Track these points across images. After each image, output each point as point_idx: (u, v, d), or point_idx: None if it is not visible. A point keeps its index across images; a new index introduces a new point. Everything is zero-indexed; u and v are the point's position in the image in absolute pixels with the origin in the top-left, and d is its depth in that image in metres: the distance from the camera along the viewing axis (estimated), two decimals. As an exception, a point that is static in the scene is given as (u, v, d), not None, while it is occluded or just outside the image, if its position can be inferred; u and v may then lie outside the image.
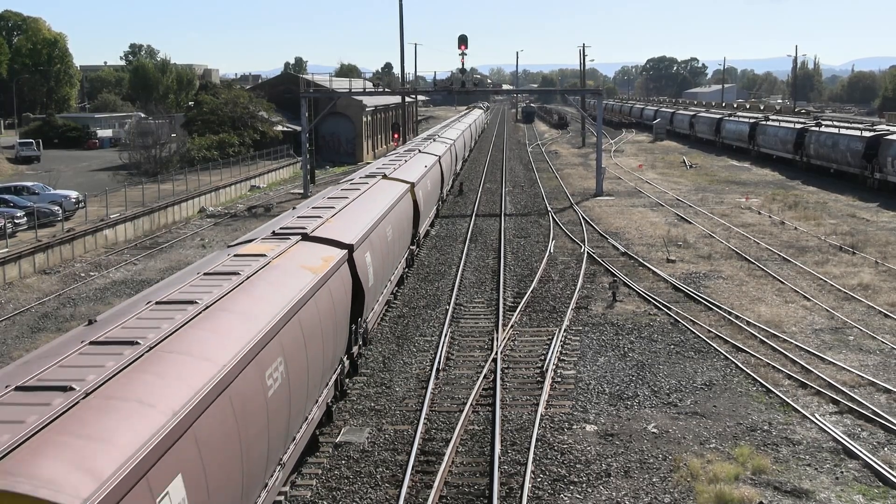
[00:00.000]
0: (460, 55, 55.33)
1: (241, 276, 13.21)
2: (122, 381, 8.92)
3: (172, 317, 10.89)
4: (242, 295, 12.50)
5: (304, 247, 16.40)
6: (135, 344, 9.83)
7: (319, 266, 15.54)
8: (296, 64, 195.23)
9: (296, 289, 13.78)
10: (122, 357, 9.40)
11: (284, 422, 12.20)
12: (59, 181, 50.54)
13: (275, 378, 11.71)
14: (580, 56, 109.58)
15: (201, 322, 10.99)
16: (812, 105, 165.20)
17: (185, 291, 12.32)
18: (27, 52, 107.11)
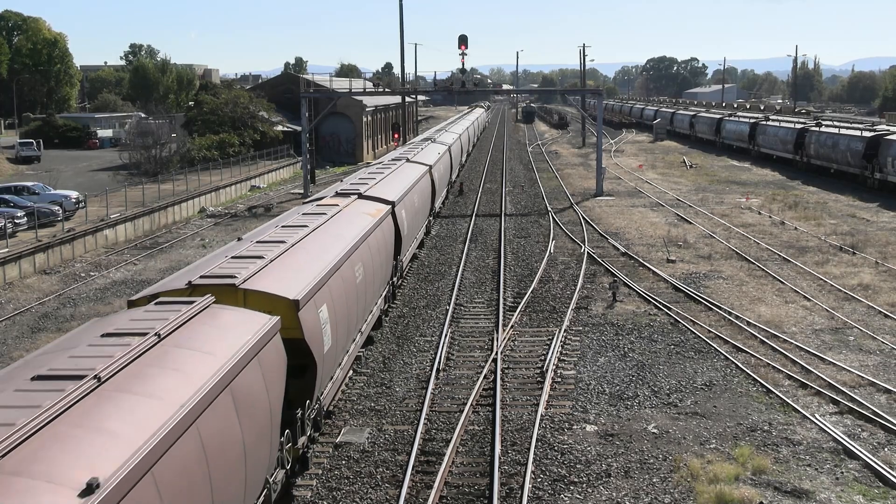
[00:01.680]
0: (460, 55, 55.38)
1: (328, 216, 19.78)
2: (266, 274, 14.00)
3: (295, 233, 17.29)
4: (334, 225, 19.22)
5: (360, 202, 23.04)
6: (281, 243, 16.17)
7: (374, 213, 22.22)
8: (296, 64, 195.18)
9: (363, 224, 20.42)
10: (262, 260, 14.58)
11: (363, 304, 18.99)
12: (59, 181, 50.56)
13: (359, 273, 18.26)
14: (580, 56, 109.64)
15: (316, 235, 17.70)
16: (812, 105, 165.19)
17: (299, 223, 18.53)
18: (27, 52, 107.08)
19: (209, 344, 10.46)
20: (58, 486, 6.60)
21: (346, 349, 17.32)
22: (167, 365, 9.50)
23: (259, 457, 10.83)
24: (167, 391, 8.89)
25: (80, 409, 7.90)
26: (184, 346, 10.17)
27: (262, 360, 11.21)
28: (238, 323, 11.47)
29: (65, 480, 6.72)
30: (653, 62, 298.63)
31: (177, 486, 8.14)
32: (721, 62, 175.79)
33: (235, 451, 9.90)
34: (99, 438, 7.55)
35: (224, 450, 9.52)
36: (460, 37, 55.55)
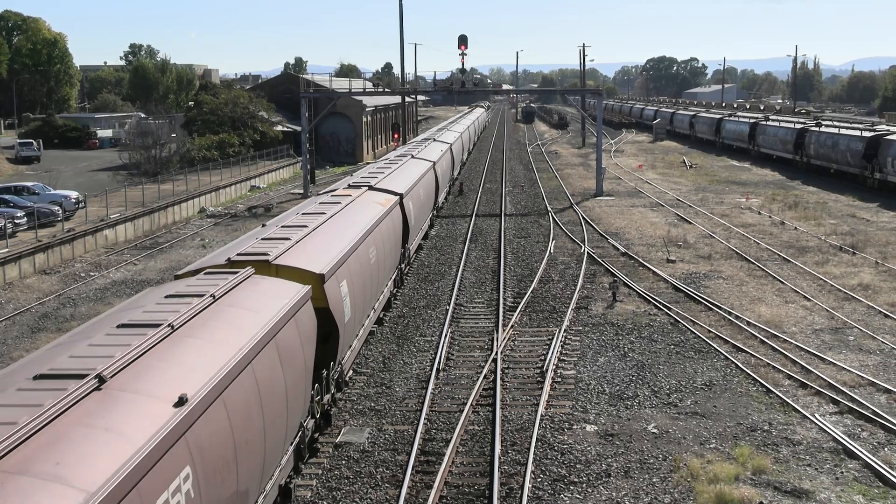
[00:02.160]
0: (460, 55, 55.37)
1: (342, 205, 21.44)
2: (294, 252, 15.81)
3: (315, 219, 19.14)
4: (349, 213, 20.99)
5: (371, 193, 24.70)
6: (303, 227, 18.00)
7: (384, 203, 24.09)
8: (296, 64, 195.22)
9: (375, 213, 22.11)
10: (288, 241, 16.36)
11: (376, 284, 20.97)
12: (59, 181, 50.56)
13: (372, 255, 20.17)
14: (580, 56, 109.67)
15: (333, 221, 19.50)
16: (812, 105, 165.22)
17: (318, 210, 20.41)
18: (27, 52, 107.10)
19: (255, 305, 12.34)
20: (157, 400, 8.72)
21: (361, 323, 19.08)
22: (224, 319, 11.41)
23: (297, 402, 12.84)
24: (227, 338, 10.82)
25: (162, 348, 9.93)
26: (235, 305, 12.06)
27: (298, 321, 13.13)
28: (276, 290, 13.38)
29: (162, 396, 8.82)
30: (653, 62, 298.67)
31: (240, 411, 10.17)
32: (721, 62, 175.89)
33: (280, 394, 11.83)
34: (182, 369, 9.59)
35: (272, 390, 11.48)
36: (460, 37, 55.55)
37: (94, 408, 8.15)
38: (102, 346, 9.66)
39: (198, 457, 8.94)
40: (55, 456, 7.12)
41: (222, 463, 9.58)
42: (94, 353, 9.37)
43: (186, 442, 8.70)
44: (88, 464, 7.28)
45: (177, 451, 8.49)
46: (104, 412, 8.16)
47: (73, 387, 8.23)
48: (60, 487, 6.81)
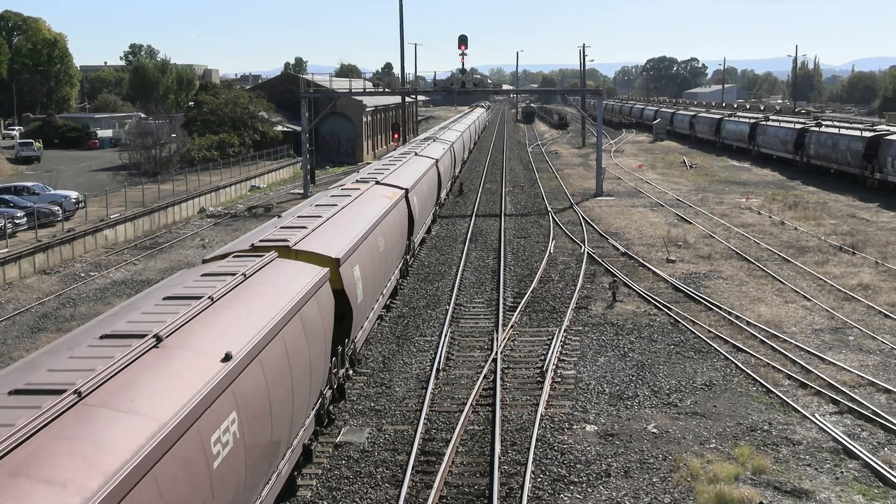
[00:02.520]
0: (460, 55, 55.34)
1: (352, 198, 22.74)
2: (311, 239, 17.07)
3: (328, 210, 20.49)
4: (358, 205, 22.25)
5: (378, 188, 25.98)
6: (317, 217, 19.43)
7: (391, 196, 25.48)
8: (296, 64, 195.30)
9: (383, 206, 23.53)
10: (305, 229, 17.67)
11: (384, 271, 22.51)
12: (59, 181, 50.56)
13: (381, 244, 21.48)
14: (580, 56, 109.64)
15: (345, 212, 20.67)
16: (812, 105, 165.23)
17: (330, 202, 21.82)
18: (27, 52, 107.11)
19: (281, 284, 13.75)
20: (207, 356, 10.20)
21: (371, 306, 20.48)
22: (255, 295, 12.79)
23: (318, 371, 14.33)
24: (260, 310, 12.24)
25: (205, 316, 11.39)
26: (263, 283, 13.47)
27: (318, 299, 14.55)
28: (298, 271, 14.77)
29: (211, 353, 10.29)
30: (653, 62, 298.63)
31: (274, 372, 11.66)
32: (721, 62, 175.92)
33: (304, 361, 13.24)
34: (224, 333, 11.04)
35: (298, 357, 12.87)
36: (460, 37, 55.53)
37: (155, 360, 9.67)
38: (155, 313, 11.14)
39: (242, 405, 10.39)
40: (130, 395, 8.72)
41: (260, 413, 11.02)
42: (148, 319, 10.89)
43: (233, 392, 10.22)
44: (157, 402, 8.83)
45: (225, 398, 9.96)
46: (165, 363, 9.69)
47: (136, 344, 9.74)
48: (137, 418, 8.39)
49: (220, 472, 9.43)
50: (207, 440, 9.29)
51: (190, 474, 8.70)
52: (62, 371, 8.92)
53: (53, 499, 6.81)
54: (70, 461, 7.31)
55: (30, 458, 7.16)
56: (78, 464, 7.30)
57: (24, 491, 6.78)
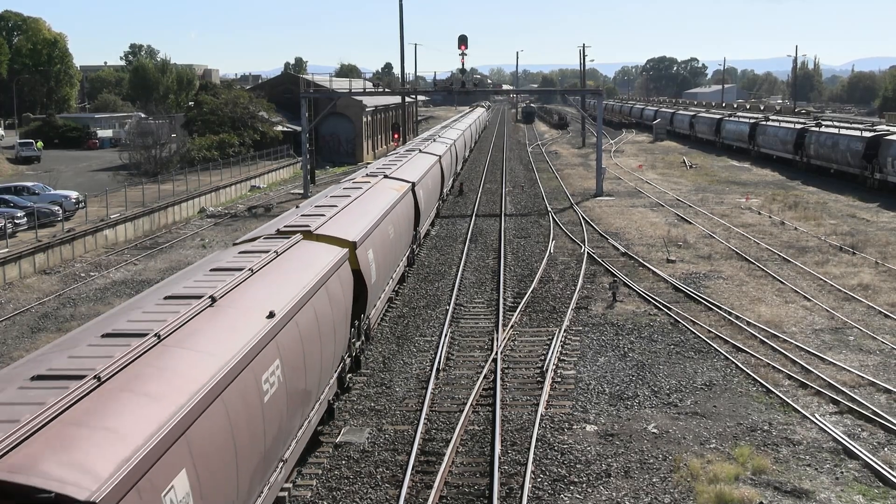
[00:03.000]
0: (460, 55, 55.33)
1: (363, 189, 24.73)
2: (330, 225, 18.74)
3: (342, 200, 22.39)
4: (370, 196, 24.14)
5: (387, 181, 27.68)
6: (333, 206, 21.35)
7: (399, 189, 27.36)
8: (296, 64, 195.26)
9: (392, 197, 25.34)
10: (323, 217, 19.48)
11: (394, 257, 24.44)
12: (59, 181, 50.56)
13: (391, 232, 23.23)
14: (580, 56, 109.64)
15: (358, 202, 22.60)
16: (812, 105, 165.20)
17: (344, 194, 23.70)
18: (27, 52, 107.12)
19: (307, 260, 15.69)
20: (254, 313, 12.07)
21: (383, 288, 22.44)
22: (287, 269, 14.75)
23: (340, 338, 16.35)
24: (293, 280, 14.19)
25: (249, 282, 13.35)
26: (292, 260, 15.35)
27: (340, 275, 16.42)
28: (322, 251, 16.76)
29: (257, 311, 12.13)
30: (653, 62, 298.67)
31: (307, 332, 13.64)
32: (721, 62, 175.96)
33: (330, 327, 15.19)
34: (266, 296, 12.90)
35: (325, 322, 14.80)
36: (460, 37, 55.52)
37: (212, 316, 11.54)
38: (205, 281, 13.11)
39: (284, 354, 12.30)
40: (194, 340, 10.61)
41: (298, 364, 12.97)
42: (202, 285, 12.78)
43: (276, 343, 12.06)
44: (218, 344, 10.69)
45: (271, 348, 11.82)
46: (221, 318, 11.55)
47: (195, 304, 11.65)
48: (200, 354, 10.32)
49: (268, 406, 11.39)
50: (259, 379, 11.21)
51: (247, 404, 10.66)
52: (142, 321, 10.91)
53: (172, 395, 9.16)
54: (161, 381, 9.33)
55: (129, 379, 9.14)
56: (166, 386, 9.26)
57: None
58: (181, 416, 8.80)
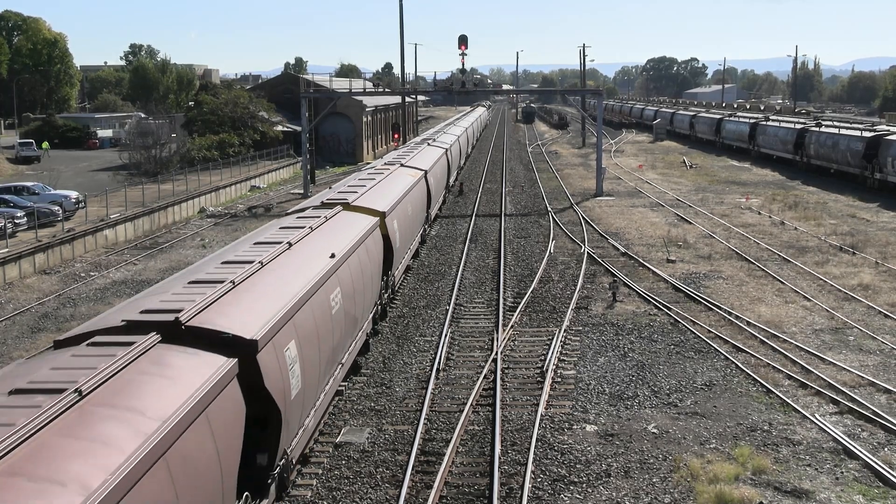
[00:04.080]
0: (460, 55, 55.32)
1: (385, 174, 28.84)
2: (365, 198, 22.43)
3: (372, 178, 27.80)
4: (390, 179, 28.28)
5: (403, 168, 31.83)
6: (362, 186, 25.65)
7: (412, 175, 31.79)
8: (296, 64, 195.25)
9: (408, 182, 29.23)
10: (359, 191, 24.20)
11: (413, 229, 29.38)
12: (59, 181, 50.55)
13: (409, 209, 27.21)
14: (580, 56, 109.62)
15: (382, 184, 26.70)
16: (812, 105, 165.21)
17: (369, 177, 28.11)
18: (27, 52, 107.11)
19: (349, 224, 19.88)
20: (320, 253, 15.96)
21: (403, 254, 26.35)
22: (336, 229, 18.72)
23: (374, 286, 20.60)
24: (343, 237, 18.27)
25: (311, 236, 17.24)
26: (338, 222, 19.57)
27: (374, 237, 20.72)
28: (359, 219, 20.89)
29: (322, 253, 15.85)
30: (653, 62, 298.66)
31: (355, 272, 17.77)
32: (721, 62, 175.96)
33: (369, 274, 19.48)
34: (326, 245, 16.81)
35: (365, 272, 18.93)
36: (460, 37, 55.50)
37: (287, 259, 14.95)
38: (281, 234, 17.00)
39: (343, 285, 16.37)
40: (286, 266, 14.52)
41: (351, 294, 16.93)
42: (280, 236, 16.53)
43: (337, 277, 16.02)
44: (300, 274, 14.36)
45: (333, 280, 15.74)
46: (295, 260, 15.04)
47: (279, 248, 15.30)
48: (301, 277, 14.09)
49: (335, 317, 15.36)
50: (328, 297, 15.12)
51: (323, 312, 14.56)
52: (252, 253, 14.94)
53: (280, 296, 12.99)
54: (274, 285, 13.35)
55: (254, 283, 13.24)
56: (281, 288, 13.26)
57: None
58: (289, 307, 12.74)
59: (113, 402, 8.35)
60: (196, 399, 9.08)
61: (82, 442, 7.56)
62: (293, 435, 12.92)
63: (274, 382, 11.43)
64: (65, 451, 7.35)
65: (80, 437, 7.62)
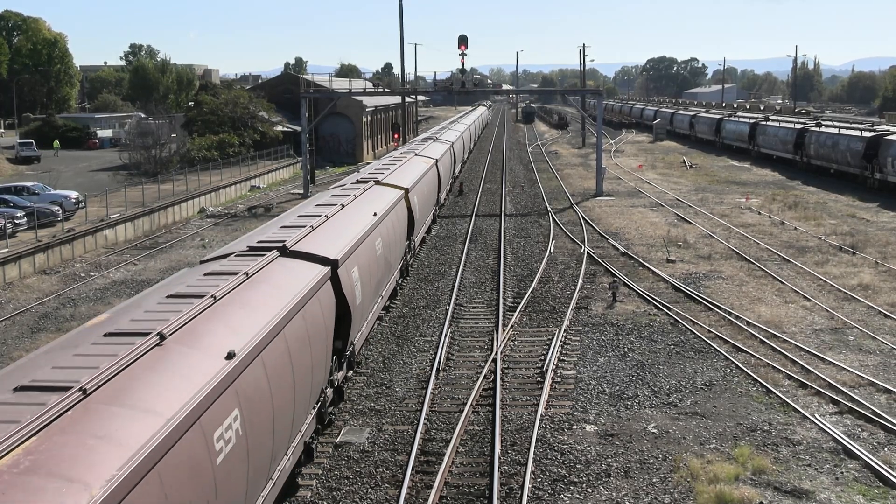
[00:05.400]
0: (460, 55, 55.30)
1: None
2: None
3: (396, 161, 33.68)
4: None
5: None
6: (390, 167, 31.33)
7: (426, 162, 35.83)
8: (296, 64, 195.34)
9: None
10: (384, 174, 28.41)
11: (428, 207, 34.54)
12: (59, 181, 50.55)
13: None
14: (580, 56, 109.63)
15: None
16: (812, 105, 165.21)
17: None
18: (27, 52, 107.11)
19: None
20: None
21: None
22: (377, 196, 22.90)
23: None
24: (358, 221, 20.06)
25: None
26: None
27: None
28: (391, 190, 25.16)
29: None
30: (653, 62, 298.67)
31: (367, 270, 18.84)
32: (721, 62, 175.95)
33: (399, 236, 23.41)
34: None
35: (396, 233, 22.57)
36: (460, 37, 55.49)
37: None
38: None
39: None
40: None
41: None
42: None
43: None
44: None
45: (376, 231, 18.08)
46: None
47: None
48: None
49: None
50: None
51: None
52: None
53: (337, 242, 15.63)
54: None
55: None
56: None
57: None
58: (354, 241, 16.45)
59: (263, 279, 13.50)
60: (310, 285, 14.06)
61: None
62: (357, 331, 17.57)
63: (348, 290, 16.17)
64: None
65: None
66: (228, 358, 10.12)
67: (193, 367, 9.60)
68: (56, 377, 8.63)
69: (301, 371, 12.89)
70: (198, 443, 8.83)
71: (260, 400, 10.79)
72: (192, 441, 8.77)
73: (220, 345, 10.30)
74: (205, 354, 10.00)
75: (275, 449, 11.61)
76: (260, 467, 10.81)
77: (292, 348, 12.45)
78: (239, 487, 10.00)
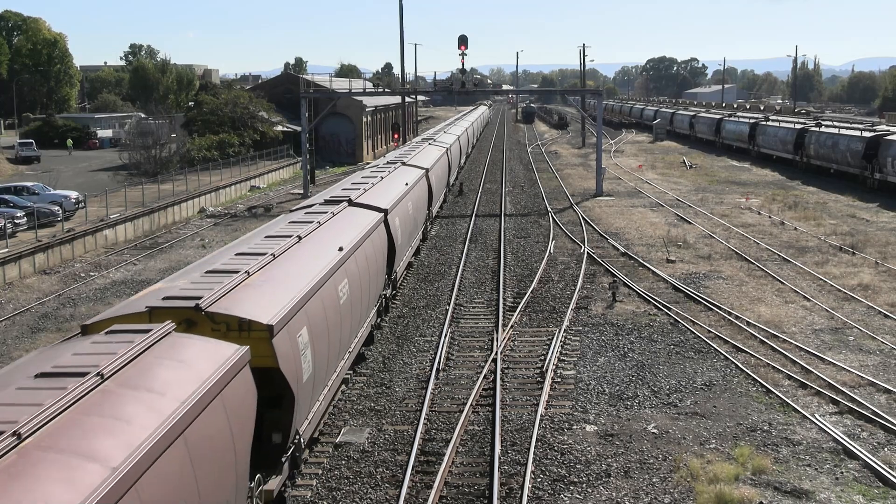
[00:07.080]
0: (460, 55, 55.32)
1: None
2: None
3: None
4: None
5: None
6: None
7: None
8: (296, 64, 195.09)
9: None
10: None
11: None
12: (59, 181, 50.55)
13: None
14: (580, 56, 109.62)
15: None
16: (812, 105, 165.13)
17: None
18: (27, 52, 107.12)
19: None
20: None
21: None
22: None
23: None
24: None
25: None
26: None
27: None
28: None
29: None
30: (653, 62, 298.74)
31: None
32: (721, 62, 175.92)
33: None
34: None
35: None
36: (460, 37, 55.50)
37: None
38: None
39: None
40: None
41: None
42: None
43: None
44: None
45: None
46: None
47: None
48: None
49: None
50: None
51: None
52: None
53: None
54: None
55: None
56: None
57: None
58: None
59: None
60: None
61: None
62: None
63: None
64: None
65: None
66: (339, 250, 17.15)
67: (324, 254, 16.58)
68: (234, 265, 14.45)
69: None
70: (328, 294, 15.58)
71: (359, 276, 18.27)
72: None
73: (333, 243, 17.46)
74: (326, 248, 16.96)
75: (361, 319, 19.04)
76: (356, 322, 18.17)
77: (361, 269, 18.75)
78: (351, 321, 17.35)
